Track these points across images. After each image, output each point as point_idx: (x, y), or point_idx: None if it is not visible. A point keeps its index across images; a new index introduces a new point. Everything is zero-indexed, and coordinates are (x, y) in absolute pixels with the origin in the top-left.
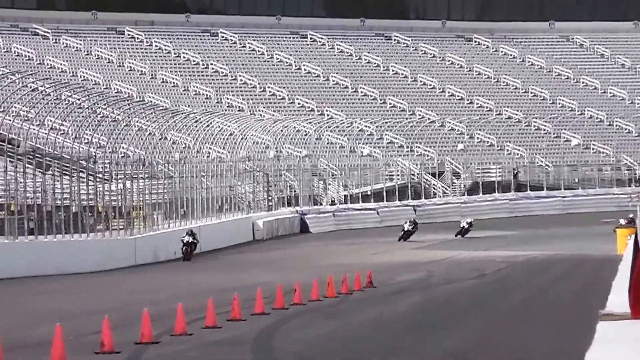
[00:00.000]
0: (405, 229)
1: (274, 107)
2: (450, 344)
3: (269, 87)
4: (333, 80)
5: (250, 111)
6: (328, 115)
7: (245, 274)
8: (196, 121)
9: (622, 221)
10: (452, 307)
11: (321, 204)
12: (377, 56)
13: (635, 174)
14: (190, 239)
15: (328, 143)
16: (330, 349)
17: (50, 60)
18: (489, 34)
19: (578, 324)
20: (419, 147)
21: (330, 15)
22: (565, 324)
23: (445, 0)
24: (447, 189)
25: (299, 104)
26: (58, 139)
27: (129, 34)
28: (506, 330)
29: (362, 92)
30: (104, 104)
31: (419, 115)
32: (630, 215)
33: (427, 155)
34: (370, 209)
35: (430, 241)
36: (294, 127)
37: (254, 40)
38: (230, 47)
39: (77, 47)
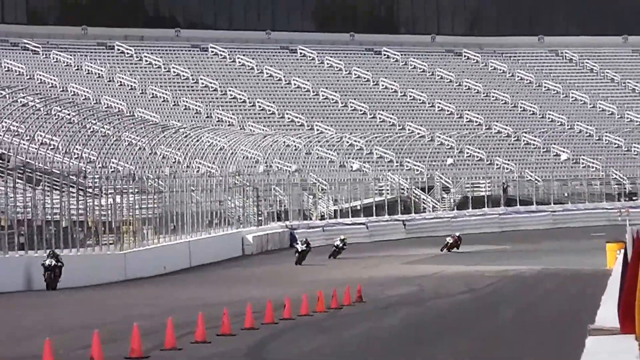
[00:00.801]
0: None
1: (264, 122)
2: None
3: (258, 102)
4: (323, 95)
5: (240, 126)
6: (318, 130)
7: (235, 289)
8: (186, 136)
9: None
10: (442, 322)
11: (311, 219)
12: (367, 71)
13: (625, 188)
14: (53, 262)
15: (318, 158)
16: None
17: (40, 75)
18: (478, 49)
19: (568, 338)
20: (408, 162)
21: (319, 30)
22: (554, 339)
23: (434, 15)
24: (436, 204)
25: (288, 118)
26: (48, 153)
27: (119, 49)
28: (496, 345)
29: (351, 106)
30: (94, 119)
31: (409, 129)
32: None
33: (417, 170)
34: (359, 224)
35: (420, 256)
36: (284, 142)
37: (243, 55)
38: (220, 62)
39: (67, 62)
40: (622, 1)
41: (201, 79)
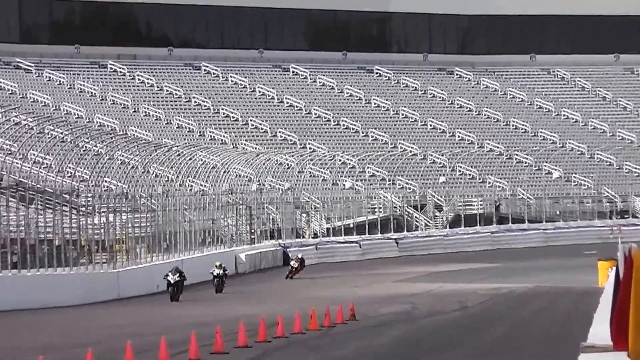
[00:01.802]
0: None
1: (257, 140)
2: None
3: (251, 120)
4: (315, 113)
5: (232, 144)
6: (310, 148)
7: (228, 307)
8: (179, 154)
9: None
10: (435, 339)
11: (303, 237)
12: (359, 89)
13: (617, 206)
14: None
15: (310, 176)
16: None
17: (33, 94)
18: (470, 67)
19: (560, 355)
20: (401, 180)
21: (312, 48)
22: (547, 356)
23: (426, 34)
24: (429, 222)
25: (281, 137)
26: (41, 172)
27: (111, 68)
28: None
29: (344, 125)
30: (87, 138)
31: (401, 148)
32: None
33: (409, 188)
34: (352, 242)
35: (413, 273)
36: (277, 160)
37: (236, 73)
38: (213, 80)
39: (59, 81)
40: (613, 20)
41: (194, 97)
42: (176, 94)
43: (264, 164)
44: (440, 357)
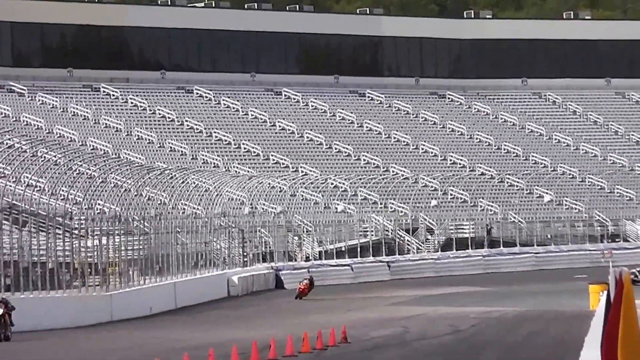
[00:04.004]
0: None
1: (249, 164)
2: None
3: (243, 144)
4: (307, 137)
5: (225, 167)
6: (302, 171)
7: (221, 330)
8: (171, 177)
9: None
10: None
11: (295, 260)
12: (351, 113)
13: (608, 230)
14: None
15: (303, 199)
16: None
17: (26, 117)
18: (462, 91)
19: None
20: (392, 203)
21: (304, 72)
22: None
23: (418, 58)
24: (420, 245)
25: (273, 160)
26: (34, 195)
27: (104, 91)
28: None
29: (336, 148)
30: (80, 161)
31: (393, 171)
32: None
33: (401, 212)
34: (344, 265)
35: (404, 297)
36: (269, 184)
37: (228, 97)
38: (205, 103)
39: (52, 104)
40: (604, 44)
41: (186, 120)
42: (169, 118)
43: (256, 187)
44: None
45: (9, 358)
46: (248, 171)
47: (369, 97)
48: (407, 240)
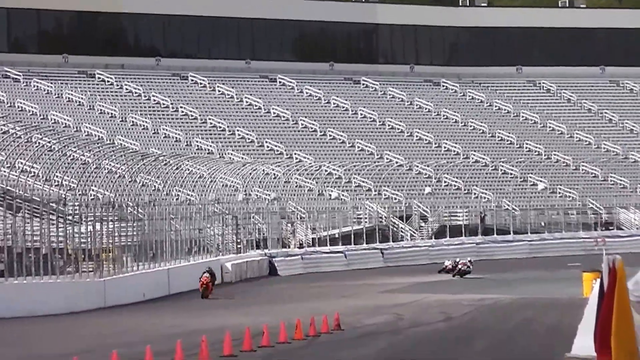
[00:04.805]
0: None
1: (243, 150)
2: None
3: (238, 130)
4: (302, 124)
5: (219, 154)
6: (297, 158)
7: (214, 316)
8: (165, 164)
9: None
10: (420, 350)
11: (289, 247)
12: (346, 100)
13: (601, 218)
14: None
15: (296, 186)
16: None
17: (21, 103)
18: (456, 79)
19: None
20: (386, 191)
21: (299, 59)
22: None
23: (413, 45)
24: (414, 233)
25: (267, 147)
26: (28, 181)
27: (99, 77)
28: None
29: (330, 135)
30: (75, 147)
31: (387, 158)
32: None
33: (395, 199)
34: (338, 252)
35: (398, 284)
36: (263, 170)
37: (223, 83)
38: (200, 90)
39: (47, 90)
40: (599, 32)
41: (181, 107)
42: (163, 104)
43: (250, 174)
44: None
45: (1, 344)
46: (242, 158)
47: (363, 84)
48: (401, 228)
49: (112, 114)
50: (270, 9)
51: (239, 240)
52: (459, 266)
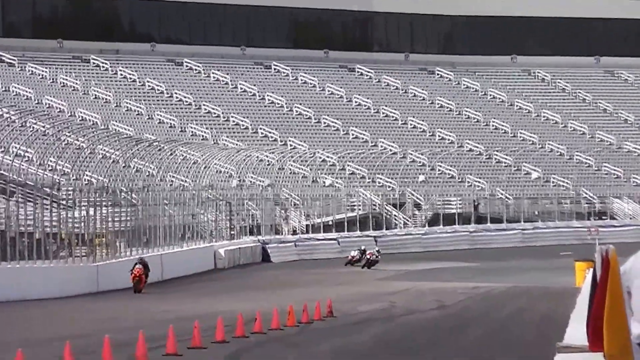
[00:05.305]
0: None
1: (238, 137)
2: None
3: (232, 117)
4: (296, 111)
5: (213, 140)
6: (291, 145)
7: (207, 302)
8: (160, 149)
9: None
10: (413, 338)
11: (282, 233)
12: (341, 87)
13: (595, 207)
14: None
15: (290, 173)
16: None
17: (15, 88)
18: (451, 67)
19: (536, 356)
20: (380, 178)
21: (294, 46)
22: (523, 356)
23: (408, 34)
24: (408, 220)
25: (262, 133)
26: (22, 165)
27: (94, 62)
28: None
29: (325, 122)
30: (69, 132)
31: (381, 146)
32: None
33: (389, 187)
34: (331, 239)
35: (391, 272)
36: (257, 157)
37: (218, 70)
38: (195, 76)
39: (42, 75)
40: (594, 22)
41: (176, 93)
42: (158, 90)
43: (244, 160)
44: (418, 358)
45: None
46: (236, 144)
47: (358, 72)
48: (394, 215)
49: (106, 99)
50: None
51: (232, 227)
52: (367, 256)
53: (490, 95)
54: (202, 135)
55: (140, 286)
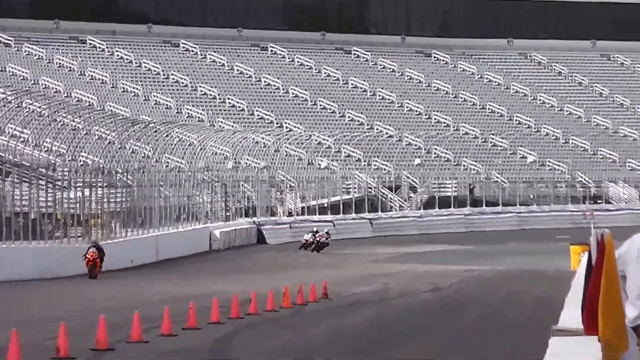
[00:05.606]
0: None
1: (234, 119)
2: (404, 358)
3: (228, 99)
4: (292, 93)
5: (209, 122)
6: (287, 127)
7: (202, 283)
8: (156, 131)
9: None
10: (407, 321)
11: (277, 215)
12: (337, 70)
13: (590, 191)
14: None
15: (286, 155)
16: None
17: (11, 68)
18: (447, 50)
19: (531, 339)
20: (376, 161)
21: (291, 28)
22: (518, 339)
23: (405, 16)
24: (403, 203)
25: (258, 115)
26: (18, 146)
27: (90, 43)
28: (459, 345)
29: (321, 105)
30: (65, 112)
31: (377, 129)
32: None
33: (385, 169)
34: (326, 221)
35: (386, 254)
36: (253, 139)
37: (214, 51)
38: (191, 58)
39: (38, 55)
40: (590, 6)
41: (172, 74)
42: (154, 71)
43: (240, 142)
44: (411, 339)
45: None
46: (232, 126)
47: (354, 54)
48: (390, 198)
49: (102, 80)
50: None
51: (227, 208)
52: (317, 238)
53: (487, 78)
54: (198, 117)
55: (95, 271)
